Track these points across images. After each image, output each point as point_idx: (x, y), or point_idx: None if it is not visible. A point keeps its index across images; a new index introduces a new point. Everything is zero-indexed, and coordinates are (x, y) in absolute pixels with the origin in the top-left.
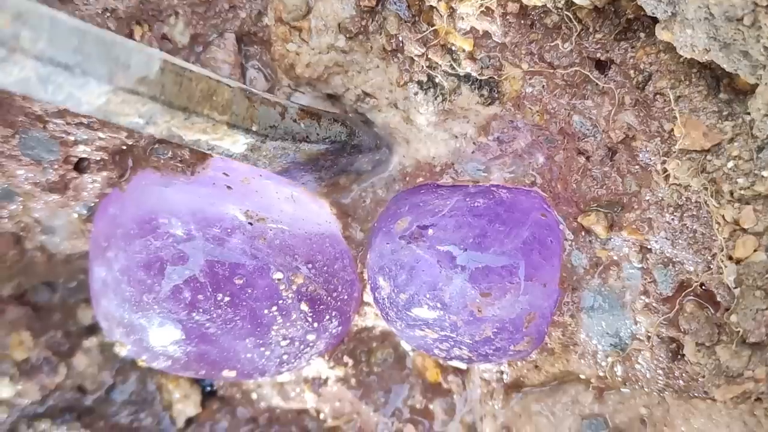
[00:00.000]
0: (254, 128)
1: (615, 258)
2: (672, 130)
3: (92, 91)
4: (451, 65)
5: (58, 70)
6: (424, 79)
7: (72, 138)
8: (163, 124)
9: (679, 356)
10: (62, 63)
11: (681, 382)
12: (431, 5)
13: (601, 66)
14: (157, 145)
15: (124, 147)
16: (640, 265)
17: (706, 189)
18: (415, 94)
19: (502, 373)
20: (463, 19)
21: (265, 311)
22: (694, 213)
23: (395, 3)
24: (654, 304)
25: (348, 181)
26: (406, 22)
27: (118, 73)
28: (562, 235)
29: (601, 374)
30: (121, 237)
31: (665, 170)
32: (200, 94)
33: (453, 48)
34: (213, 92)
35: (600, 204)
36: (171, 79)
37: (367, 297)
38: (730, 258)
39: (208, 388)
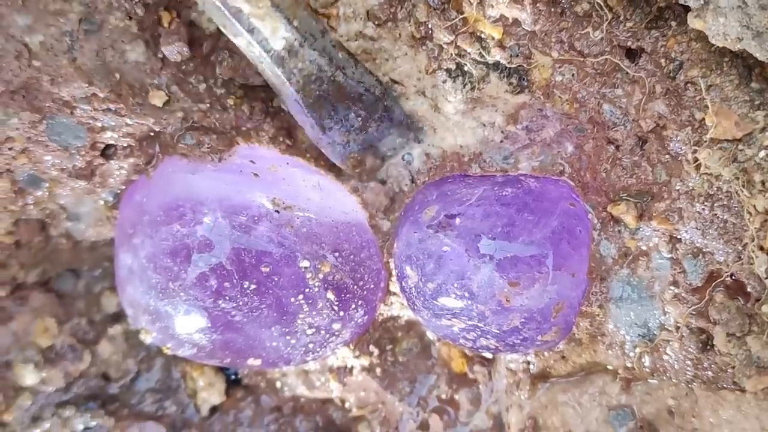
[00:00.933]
0: (296, 24)
1: (644, 248)
2: (703, 119)
3: None
4: (480, 53)
5: None
6: (453, 67)
7: (99, 124)
8: None
9: (708, 347)
10: None
11: (710, 373)
12: None
13: (632, 54)
14: (184, 132)
15: (152, 133)
16: (669, 255)
17: (737, 179)
18: (444, 82)
19: (528, 363)
20: (492, 6)
21: (292, 299)
22: (725, 203)
23: None
24: (683, 295)
25: (373, 163)
26: (435, 9)
27: None
28: (591, 225)
29: (629, 365)
30: (147, 224)
31: (696, 160)
32: None
33: (482, 36)
34: None
35: (629, 193)
36: None
37: (393, 286)
38: (762, 248)
39: (233, 377)
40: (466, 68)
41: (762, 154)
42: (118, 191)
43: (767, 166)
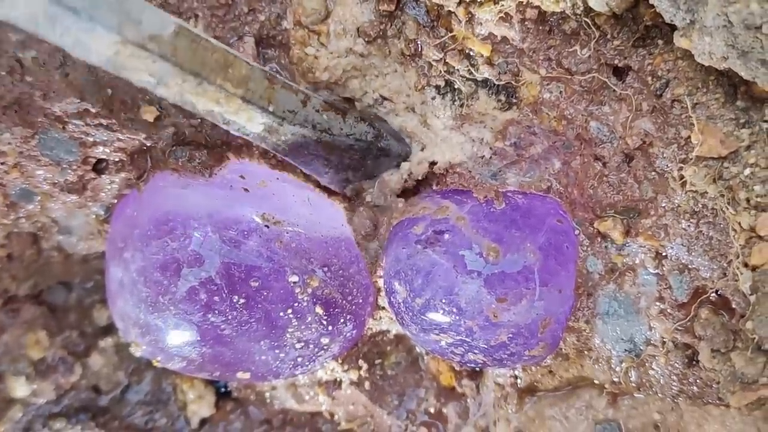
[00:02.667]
0: (271, 108)
1: (630, 264)
2: (689, 136)
3: (101, 39)
4: (469, 70)
5: (66, 12)
6: (442, 83)
7: (91, 139)
8: (175, 86)
9: (693, 362)
10: (70, 6)
11: (695, 388)
12: (450, 10)
13: (619, 72)
14: (175, 147)
15: (143, 148)
16: (655, 271)
17: (722, 196)
18: (433, 98)
19: (516, 377)
20: (481, 24)
21: (281, 314)
22: (711, 220)
23: (414, 8)
24: (669, 310)
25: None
26: (424, 26)
27: (128, 26)
28: (578, 241)
29: (615, 380)
30: (138, 238)
31: (682, 177)
32: (215, 64)
33: (471, 53)
34: (229, 65)
35: (616, 210)
36: (185, 44)
37: (382, 301)
38: (746, 265)
39: (223, 389)
40: (455, 85)
41: (747, 171)
42: (110, 205)
43: (752, 183)
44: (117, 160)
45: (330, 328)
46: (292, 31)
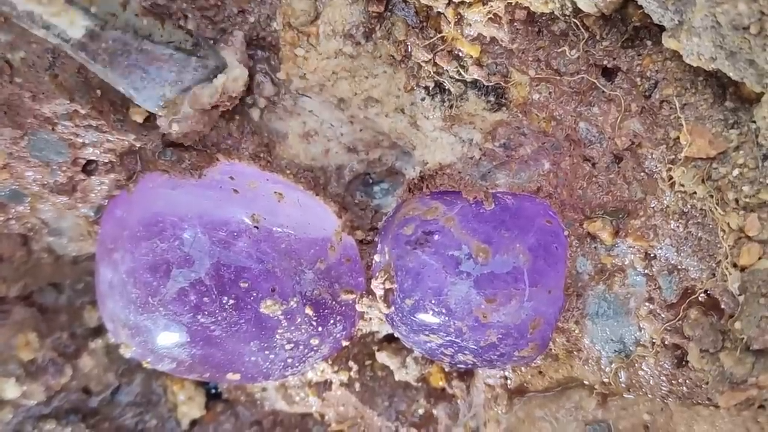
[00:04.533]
0: (93, 10)
1: (620, 264)
2: (678, 137)
3: None
4: (458, 71)
5: None
6: (432, 84)
7: (81, 140)
8: None
9: (682, 363)
10: None
11: (684, 388)
12: (439, 11)
13: (608, 73)
14: (164, 148)
15: (133, 149)
16: (644, 272)
17: (711, 196)
18: (422, 99)
19: (506, 378)
20: (470, 25)
21: (270, 315)
22: (699, 220)
23: (403, 9)
24: (658, 311)
25: None
26: (413, 28)
27: None
28: (568, 242)
29: (605, 380)
30: (127, 239)
31: (671, 177)
32: None
33: (460, 54)
34: None
35: (605, 210)
36: None
37: None
38: (735, 265)
39: (213, 391)
40: (444, 86)
41: (735, 172)
42: (100, 206)
43: (741, 184)
44: (106, 161)
45: (320, 329)
46: (282, 32)
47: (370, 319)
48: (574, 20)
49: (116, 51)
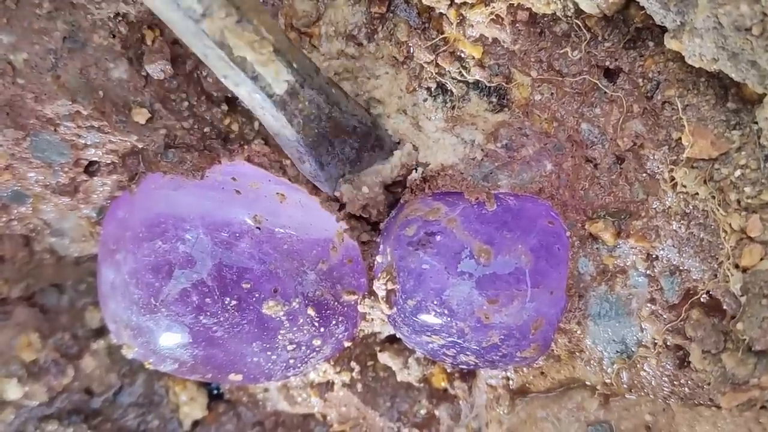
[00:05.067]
0: (295, 65)
1: (622, 265)
2: (680, 138)
3: None
4: (460, 72)
5: None
6: (434, 85)
7: (83, 141)
8: (219, 20)
9: (684, 364)
10: None
11: (686, 389)
12: (441, 12)
13: (610, 74)
14: (166, 149)
15: (135, 150)
16: (646, 273)
17: (713, 197)
18: (424, 100)
19: (508, 379)
20: (472, 26)
21: (272, 315)
22: (701, 221)
23: (405, 10)
24: (660, 312)
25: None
26: (415, 29)
27: None
28: (569, 243)
29: (607, 381)
30: (129, 240)
31: (673, 178)
32: (252, 3)
33: (462, 55)
34: (261, 10)
35: (607, 211)
36: None
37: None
38: (737, 266)
39: (215, 391)
40: (446, 87)
41: (738, 173)
42: (102, 207)
43: (742, 185)
44: (109, 162)
45: (322, 329)
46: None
47: (372, 319)
48: (576, 21)
49: (310, 115)
